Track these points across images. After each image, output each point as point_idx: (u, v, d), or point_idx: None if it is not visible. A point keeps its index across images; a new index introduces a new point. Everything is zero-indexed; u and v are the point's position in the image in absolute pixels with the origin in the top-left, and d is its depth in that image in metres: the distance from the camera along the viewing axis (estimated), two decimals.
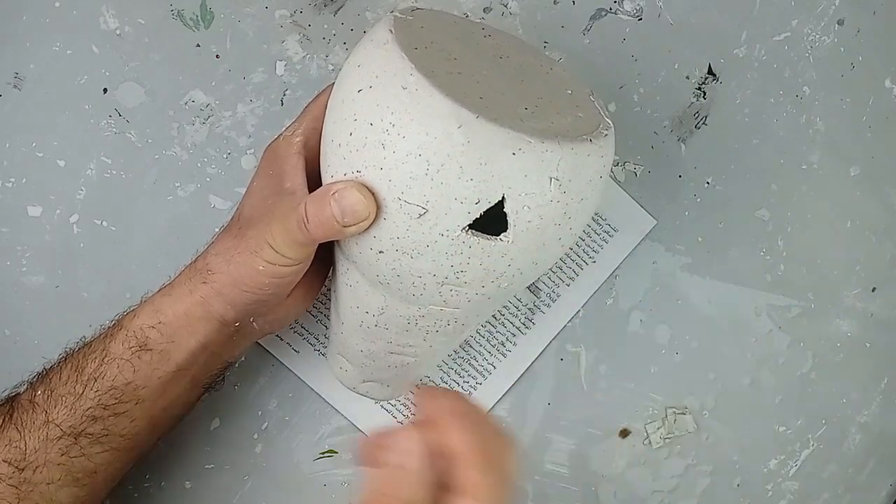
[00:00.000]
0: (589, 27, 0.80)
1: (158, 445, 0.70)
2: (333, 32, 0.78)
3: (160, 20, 0.77)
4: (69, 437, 0.63)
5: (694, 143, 0.81)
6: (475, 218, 0.55)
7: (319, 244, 0.61)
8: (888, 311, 0.82)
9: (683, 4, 0.80)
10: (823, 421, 0.82)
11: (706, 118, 0.81)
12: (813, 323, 0.82)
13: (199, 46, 0.77)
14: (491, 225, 0.56)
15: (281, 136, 0.66)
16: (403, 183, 0.55)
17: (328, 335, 0.73)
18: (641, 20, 0.80)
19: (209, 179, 0.77)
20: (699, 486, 0.81)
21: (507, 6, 0.79)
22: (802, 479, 0.82)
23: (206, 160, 0.77)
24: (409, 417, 0.55)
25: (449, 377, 0.79)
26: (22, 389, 0.66)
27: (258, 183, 0.65)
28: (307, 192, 0.62)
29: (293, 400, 0.78)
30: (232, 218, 0.66)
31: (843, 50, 0.82)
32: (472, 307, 0.62)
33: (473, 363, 0.79)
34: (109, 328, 0.65)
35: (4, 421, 0.63)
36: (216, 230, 0.68)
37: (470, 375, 0.79)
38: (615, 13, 0.80)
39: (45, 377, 0.65)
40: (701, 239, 0.81)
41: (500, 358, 0.79)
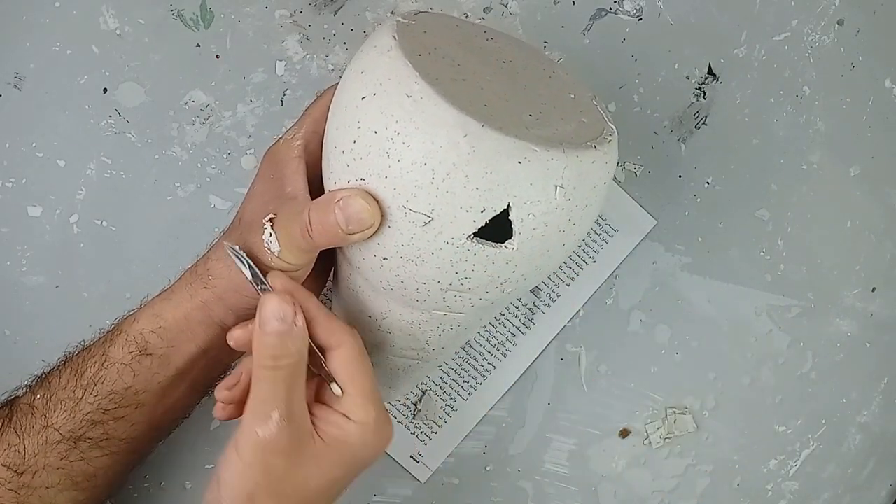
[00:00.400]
0: (589, 27, 0.80)
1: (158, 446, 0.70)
2: (333, 32, 0.77)
3: (160, 20, 0.76)
4: (68, 441, 0.63)
5: (694, 143, 0.81)
6: (480, 226, 0.55)
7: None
8: (888, 311, 0.83)
9: (683, 4, 0.80)
10: (823, 421, 0.82)
11: (706, 118, 0.81)
12: (813, 323, 0.82)
13: (199, 46, 0.77)
14: (495, 231, 0.56)
15: (281, 139, 0.66)
16: (408, 191, 0.54)
17: None
18: (641, 20, 0.80)
19: (209, 179, 0.77)
20: (699, 486, 0.81)
21: (507, 6, 0.79)
22: (802, 479, 0.82)
23: (206, 160, 0.77)
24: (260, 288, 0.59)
25: (449, 377, 0.79)
26: (21, 393, 0.66)
27: (259, 187, 0.65)
28: (309, 196, 0.61)
29: None
30: (232, 222, 0.66)
31: (843, 50, 0.82)
32: (475, 312, 0.62)
33: (473, 363, 0.79)
34: (109, 332, 0.65)
35: (3, 425, 0.63)
36: (216, 230, 0.68)
37: (470, 375, 0.79)
38: (615, 13, 0.80)
39: (44, 381, 0.65)
40: (701, 239, 0.81)
41: (500, 358, 0.79)
